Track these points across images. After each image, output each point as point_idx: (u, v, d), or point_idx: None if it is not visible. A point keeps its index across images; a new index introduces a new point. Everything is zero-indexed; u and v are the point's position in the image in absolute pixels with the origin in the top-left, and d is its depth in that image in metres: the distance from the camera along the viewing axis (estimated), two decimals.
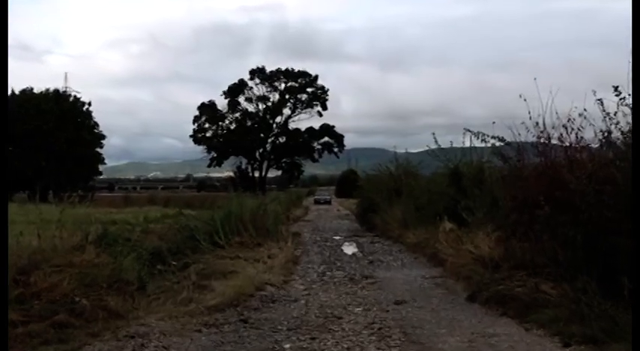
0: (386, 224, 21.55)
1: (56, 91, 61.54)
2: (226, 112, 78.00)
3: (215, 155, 78.14)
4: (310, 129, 79.67)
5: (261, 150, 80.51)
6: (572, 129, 8.70)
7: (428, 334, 7.15)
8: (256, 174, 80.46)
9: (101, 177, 79.23)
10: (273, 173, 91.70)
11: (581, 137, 8.66)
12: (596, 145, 8.51)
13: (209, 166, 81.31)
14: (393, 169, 25.22)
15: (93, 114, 63.14)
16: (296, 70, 78.35)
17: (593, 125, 8.37)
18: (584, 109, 8.38)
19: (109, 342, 6.66)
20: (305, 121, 79.68)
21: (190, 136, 78.13)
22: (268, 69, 78.47)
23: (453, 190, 15.71)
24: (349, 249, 18.04)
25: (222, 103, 77.98)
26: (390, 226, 20.86)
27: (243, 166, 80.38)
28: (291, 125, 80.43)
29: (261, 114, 78.91)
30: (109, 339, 6.75)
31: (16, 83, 75.67)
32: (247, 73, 78.79)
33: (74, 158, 57.44)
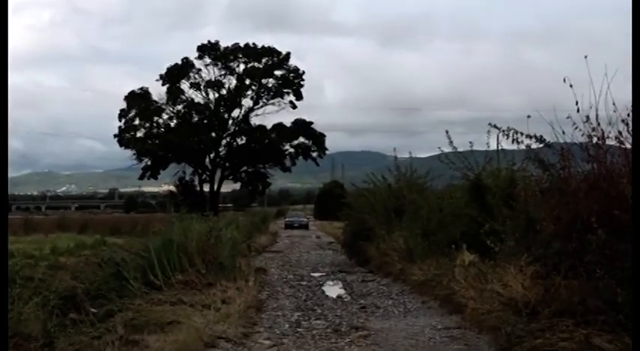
0: (383, 256, 21.70)
1: None
2: (164, 104, 77.97)
3: (149, 163, 78.08)
4: (280, 126, 79.71)
5: (212, 155, 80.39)
6: None
7: None
8: (206, 188, 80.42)
9: None
10: (229, 187, 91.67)
11: None
12: None
13: (141, 177, 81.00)
14: (393, 181, 25.47)
15: None
16: (260, 47, 78.08)
17: None
18: None
19: None
20: (272, 115, 79.95)
21: (115, 136, 77.42)
22: (223, 44, 78.13)
23: (473, 210, 15.90)
24: (333, 290, 18.12)
25: (158, 92, 77.95)
26: (388, 259, 21.00)
27: (188, 178, 79.96)
28: (254, 121, 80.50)
29: (212, 106, 78.83)
30: None
31: None
32: (194, 50, 77.92)
33: None
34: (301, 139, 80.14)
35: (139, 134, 77.70)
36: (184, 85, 78.30)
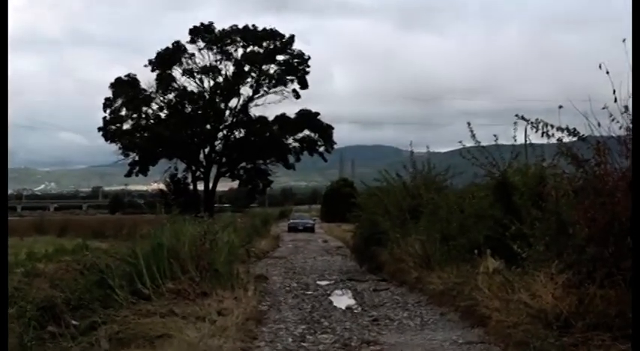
0: (397, 262, 21.77)
1: None
2: (154, 93, 78.04)
3: (137, 158, 78.19)
4: (282, 118, 79.73)
5: (207, 150, 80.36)
6: None
7: None
8: (200, 186, 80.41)
9: None
10: (225, 185, 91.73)
11: None
12: None
13: (128, 175, 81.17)
14: (409, 179, 25.55)
15: None
16: (260, 29, 78.01)
17: None
18: None
19: None
20: (274, 105, 79.91)
21: (99, 129, 77.30)
22: (219, 26, 78.13)
23: (498, 211, 15.96)
24: (342, 300, 18.16)
25: (147, 79, 78.01)
26: (403, 266, 21.06)
27: (180, 175, 79.95)
28: (254, 112, 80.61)
29: (207, 95, 78.73)
30: None
31: None
32: (187, 33, 77.91)
33: None
34: (306, 132, 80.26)
35: (126, 126, 77.88)
36: (176, 72, 78.45)
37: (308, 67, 79.35)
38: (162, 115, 78.31)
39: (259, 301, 16.66)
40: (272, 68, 79.32)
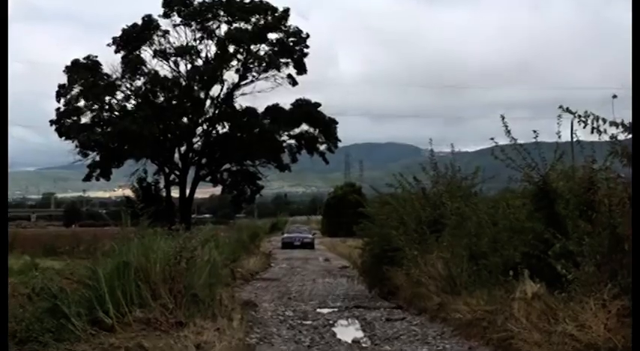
0: (415, 286, 21.69)
1: None
2: (119, 79, 77.56)
3: (98, 159, 77.70)
4: (275, 109, 79.53)
5: (183, 148, 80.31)
6: None
7: None
8: (175, 193, 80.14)
9: None
10: (206, 191, 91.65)
11: None
12: None
13: (87, 179, 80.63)
14: (429, 184, 25.60)
15: None
16: (248, 1, 77.48)
17: None
18: None
19: None
20: (266, 94, 79.96)
21: (52, 122, 76.81)
22: None
23: (539, 223, 15.87)
24: (347, 332, 18.11)
25: (111, 61, 77.76)
26: (422, 290, 21.01)
27: (151, 179, 79.39)
28: (240, 102, 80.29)
29: (183, 81, 78.19)
30: None
31: None
32: (160, 5, 77.87)
33: None
34: (304, 127, 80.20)
35: (85, 120, 77.41)
36: (146, 53, 78.15)
37: (306, 47, 79.15)
38: (129, 106, 78.03)
39: (247, 333, 16.67)
40: (262, 49, 79.02)
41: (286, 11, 77.86)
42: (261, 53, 78.79)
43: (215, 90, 78.91)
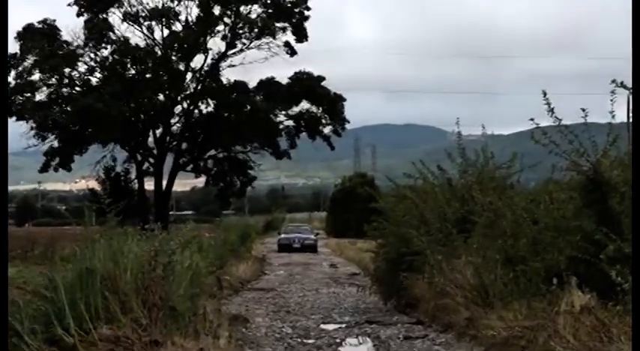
0: (439, 297, 20.13)
1: None
2: (81, 47, 72.02)
3: (56, 144, 71.86)
4: (270, 84, 73.92)
5: (159, 131, 74.71)
6: None
7: None
8: (149, 185, 75.60)
9: None
10: (186, 183, 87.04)
11: None
12: None
13: (44, 168, 74.21)
14: (456, 175, 23.87)
15: None
16: None
17: None
18: None
19: None
20: (258, 66, 75.10)
21: None
22: None
23: (589, 221, 14.67)
24: None
25: (71, 26, 72.97)
26: (448, 302, 19.47)
27: (120, 169, 75.02)
28: (227, 75, 74.85)
29: (159, 51, 73.10)
30: None
31: None
32: None
33: None
34: (305, 106, 74.20)
35: (40, 97, 71.68)
36: (114, 17, 72.33)
37: (307, 9, 72.70)
38: (94, 80, 72.40)
39: None
40: (254, 10, 72.60)
41: None
42: (253, 16, 71.88)
43: (197, 61, 73.39)
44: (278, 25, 70.80)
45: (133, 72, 71.20)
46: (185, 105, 72.82)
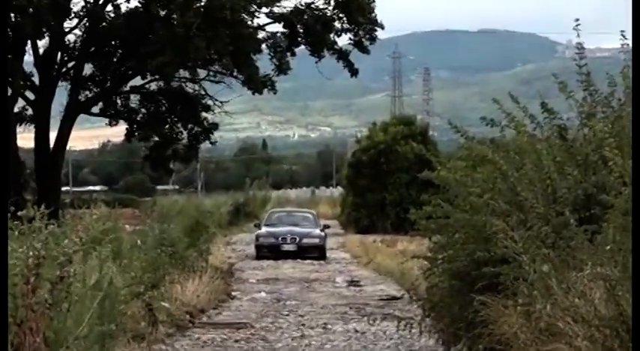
0: (545, 337, 14.30)
1: None
2: None
3: None
4: None
5: (44, 43, 48.69)
6: None
7: None
8: (27, 141, 52.85)
9: None
10: (93, 136, 71.70)
11: None
12: None
13: None
14: (574, 122, 16.99)
15: None
16: None
17: None
18: None
19: None
20: None
21: None
22: None
23: None
24: None
25: None
26: (560, 347, 13.61)
27: None
28: None
29: None
30: None
31: None
32: None
33: None
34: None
35: None
36: None
37: None
38: None
39: None
40: None
41: None
42: None
43: None
44: None
45: None
46: (88, 4, 43.96)
